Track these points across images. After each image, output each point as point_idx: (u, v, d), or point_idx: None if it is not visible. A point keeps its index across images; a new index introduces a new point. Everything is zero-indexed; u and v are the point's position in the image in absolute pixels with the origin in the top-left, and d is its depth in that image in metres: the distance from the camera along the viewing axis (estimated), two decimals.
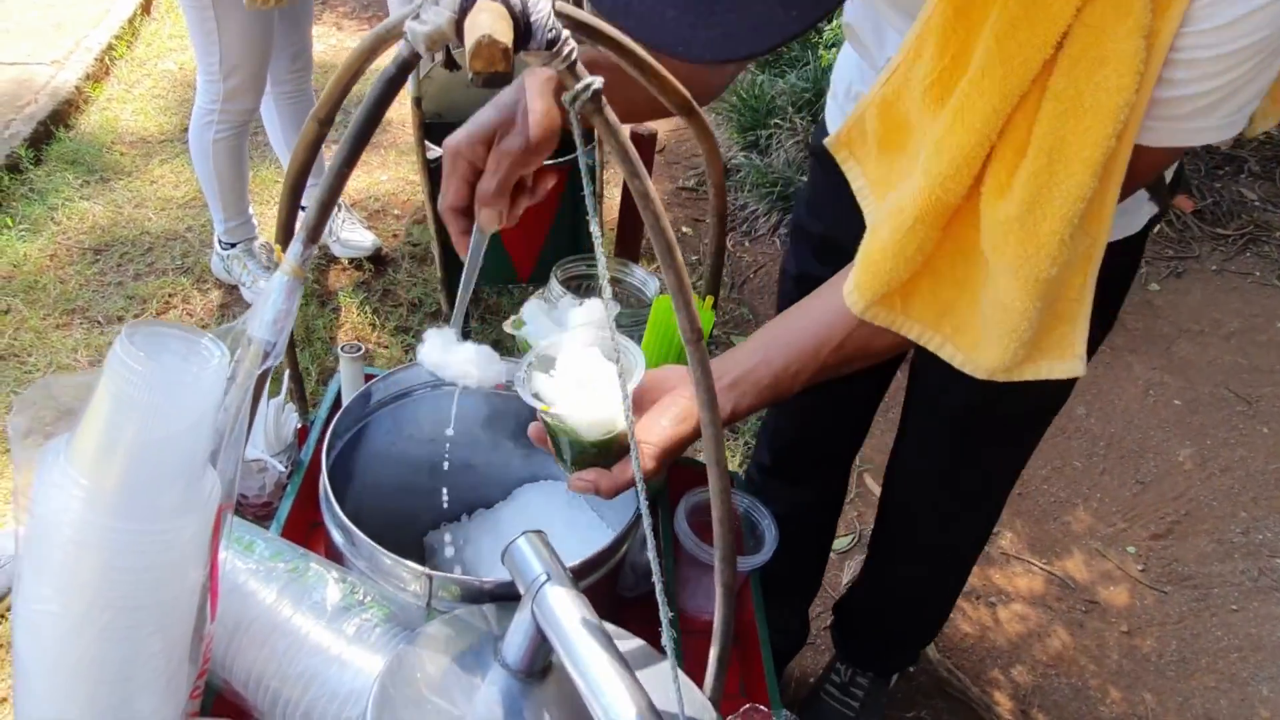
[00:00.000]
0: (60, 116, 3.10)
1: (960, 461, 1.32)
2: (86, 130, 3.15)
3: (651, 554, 0.66)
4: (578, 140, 0.62)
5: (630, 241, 2.50)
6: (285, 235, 0.86)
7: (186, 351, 0.62)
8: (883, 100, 0.83)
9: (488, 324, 2.47)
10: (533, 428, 0.86)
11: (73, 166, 2.93)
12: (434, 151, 2.18)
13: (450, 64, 0.66)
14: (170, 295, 2.50)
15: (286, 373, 1.11)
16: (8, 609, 1.75)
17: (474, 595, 0.81)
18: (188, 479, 0.64)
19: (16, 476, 0.63)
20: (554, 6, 0.68)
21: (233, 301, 2.51)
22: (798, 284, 1.30)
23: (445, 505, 1.03)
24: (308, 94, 2.50)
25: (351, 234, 2.67)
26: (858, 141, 0.89)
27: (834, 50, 2.81)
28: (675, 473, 1.17)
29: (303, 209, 2.54)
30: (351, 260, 2.67)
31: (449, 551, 1.08)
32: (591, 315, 0.91)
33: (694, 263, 2.89)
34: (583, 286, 1.21)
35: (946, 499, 1.39)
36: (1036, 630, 1.96)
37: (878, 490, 2.09)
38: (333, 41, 3.95)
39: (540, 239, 2.23)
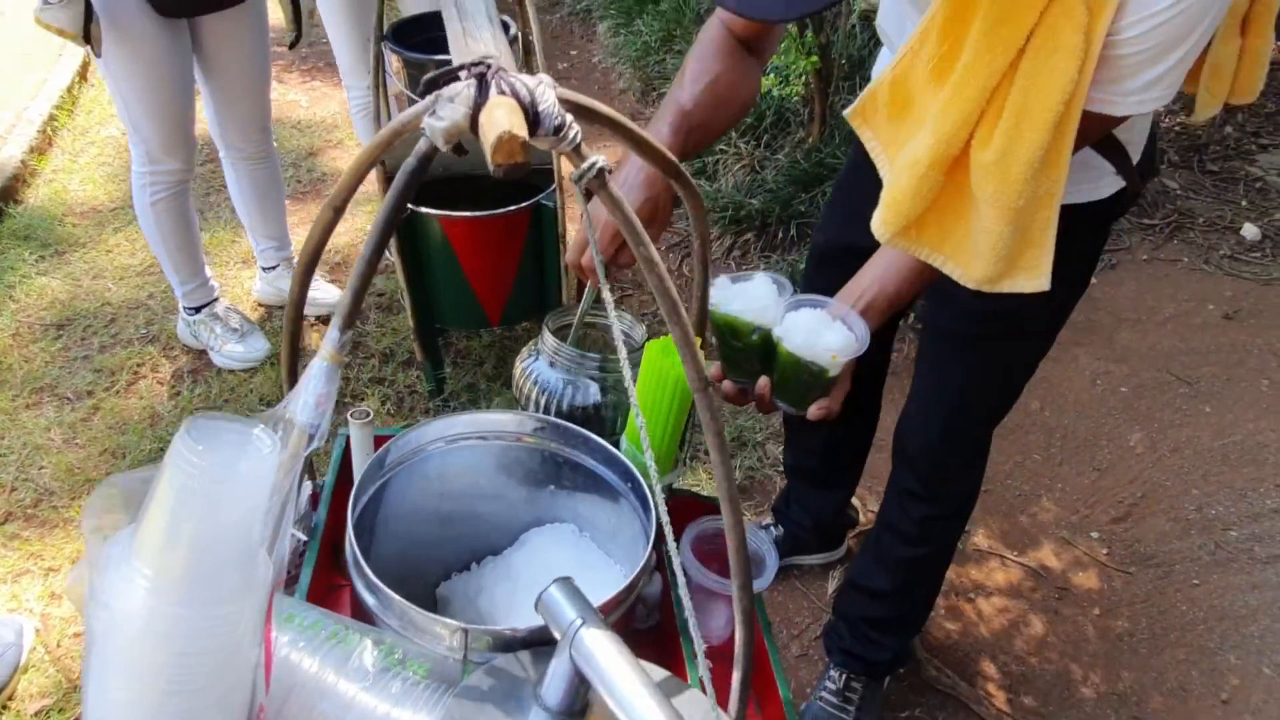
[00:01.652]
0: (9, 193, 3.08)
1: (958, 386, 1.53)
2: (36, 204, 3.13)
3: (682, 589, 0.72)
4: (558, 179, 0.70)
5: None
6: (295, 318, 0.90)
7: (241, 441, 0.66)
8: (894, 79, 1.07)
9: (460, 367, 2.51)
10: (761, 386, 1.13)
11: (26, 242, 2.91)
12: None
13: (459, 150, 0.73)
14: (139, 365, 2.49)
15: None
16: (9, 698, 1.74)
17: (507, 644, 0.86)
18: (246, 563, 0.69)
19: (87, 572, 0.66)
20: (556, 94, 0.74)
21: (202, 367, 2.52)
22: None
23: (457, 555, 1.07)
24: (271, 159, 2.52)
25: (316, 291, 2.69)
26: (870, 112, 1.13)
27: (769, 77, 2.92)
28: (675, 506, 1.23)
29: (270, 268, 2.54)
30: (319, 317, 2.70)
31: (465, 601, 1.13)
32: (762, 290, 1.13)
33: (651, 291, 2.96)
34: (577, 336, 1.27)
35: (942, 444, 1.57)
36: (1016, 621, 2.05)
37: (864, 513, 2.18)
38: (274, 95, 3.97)
39: (508, 283, 2.29)
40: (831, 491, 1.98)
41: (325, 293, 2.70)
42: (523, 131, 0.71)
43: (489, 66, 0.72)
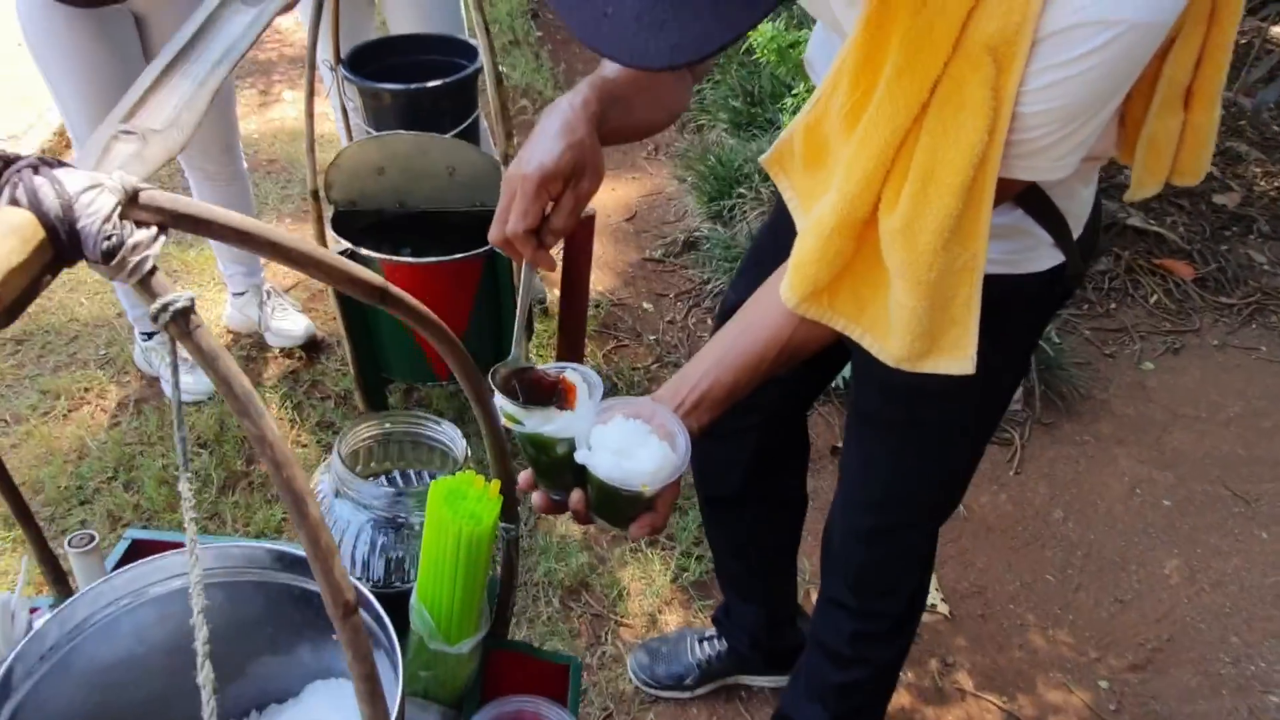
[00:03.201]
0: None
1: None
2: None
3: None
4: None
5: (573, 337, 2.35)
6: None
7: None
8: (807, 126, 0.97)
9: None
10: (575, 501, 0.95)
11: None
12: (342, 244, 2.05)
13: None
14: (85, 390, 2.38)
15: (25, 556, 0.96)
16: None
17: None
18: None
19: None
20: (120, 204, 0.53)
21: (152, 395, 2.39)
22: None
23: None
24: (238, 179, 2.38)
25: (283, 321, 2.55)
26: (787, 160, 1.03)
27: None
28: (504, 663, 0.99)
29: (239, 294, 2.31)
30: (283, 350, 2.55)
31: None
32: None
33: (651, 342, 2.73)
34: (518, 355, 1.03)
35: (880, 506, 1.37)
36: None
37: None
38: (264, 106, 3.88)
39: (457, 336, 2.08)
40: (760, 605, 1.71)
41: (294, 323, 2.55)
42: (36, 256, 0.51)
43: (8, 160, 0.52)
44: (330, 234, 2.01)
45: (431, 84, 2.00)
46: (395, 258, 1.97)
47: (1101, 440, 2.45)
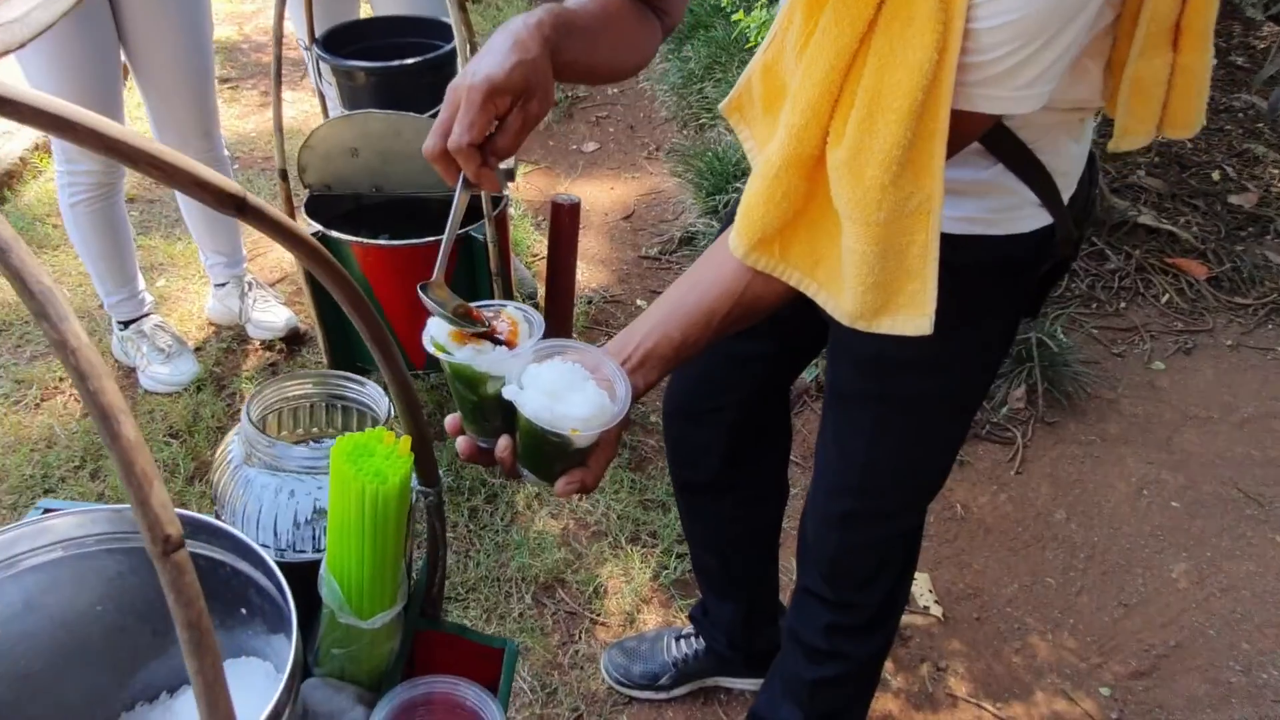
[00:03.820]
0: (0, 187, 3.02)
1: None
2: (25, 203, 3.06)
3: None
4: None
5: (559, 329, 2.28)
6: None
7: None
8: (764, 66, 0.92)
9: None
10: (502, 449, 0.87)
11: None
12: (314, 227, 2.00)
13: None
14: (60, 380, 2.34)
15: None
16: None
17: None
18: None
19: None
20: None
21: (127, 386, 2.34)
22: None
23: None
24: (221, 163, 2.34)
25: (264, 314, 2.49)
26: (747, 106, 0.98)
27: None
28: (435, 643, 0.92)
29: (220, 285, 2.21)
30: (264, 342, 2.50)
31: None
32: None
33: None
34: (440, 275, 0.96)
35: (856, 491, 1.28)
36: None
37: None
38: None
39: None
40: (738, 603, 1.62)
41: (275, 315, 2.50)
42: None
43: None
44: (303, 216, 1.96)
45: (406, 61, 1.94)
46: (365, 240, 1.91)
47: (1108, 440, 2.34)
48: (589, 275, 2.95)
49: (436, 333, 0.85)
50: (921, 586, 1.97)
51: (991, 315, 1.11)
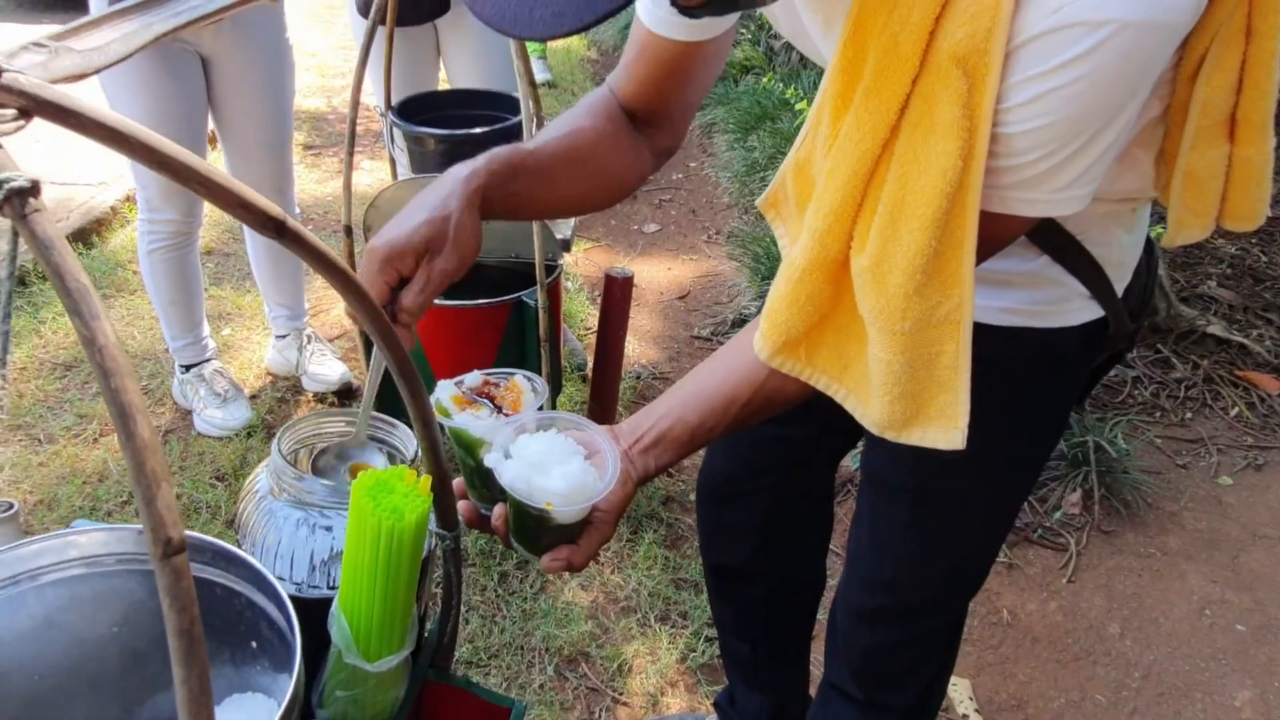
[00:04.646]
0: (84, 234, 3.17)
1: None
2: (109, 249, 3.21)
3: None
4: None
5: (604, 400, 2.29)
6: None
7: None
8: (796, 164, 0.90)
9: None
10: (496, 517, 0.87)
11: None
12: None
13: None
14: None
15: None
16: None
17: None
18: None
19: None
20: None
21: (184, 428, 2.40)
22: None
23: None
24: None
25: (320, 367, 2.55)
26: (782, 203, 0.96)
27: None
28: (441, 698, 0.90)
29: (281, 337, 2.28)
30: (317, 395, 2.55)
31: None
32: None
33: None
34: (319, 449, 0.99)
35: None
36: None
37: None
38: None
39: None
40: (767, 695, 1.55)
41: (330, 369, 2.55)
42: None
43: None
44: None
45: (474, 131, 2.02)
46: None
47: (1169, 554, 2.23)
48: (640, 351, 2.96)
49: (441, 395, 0.87)
50: (961, 693, 1.87)
51: (1035, 410, 1.07)
